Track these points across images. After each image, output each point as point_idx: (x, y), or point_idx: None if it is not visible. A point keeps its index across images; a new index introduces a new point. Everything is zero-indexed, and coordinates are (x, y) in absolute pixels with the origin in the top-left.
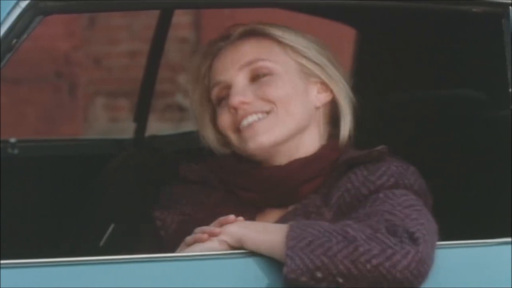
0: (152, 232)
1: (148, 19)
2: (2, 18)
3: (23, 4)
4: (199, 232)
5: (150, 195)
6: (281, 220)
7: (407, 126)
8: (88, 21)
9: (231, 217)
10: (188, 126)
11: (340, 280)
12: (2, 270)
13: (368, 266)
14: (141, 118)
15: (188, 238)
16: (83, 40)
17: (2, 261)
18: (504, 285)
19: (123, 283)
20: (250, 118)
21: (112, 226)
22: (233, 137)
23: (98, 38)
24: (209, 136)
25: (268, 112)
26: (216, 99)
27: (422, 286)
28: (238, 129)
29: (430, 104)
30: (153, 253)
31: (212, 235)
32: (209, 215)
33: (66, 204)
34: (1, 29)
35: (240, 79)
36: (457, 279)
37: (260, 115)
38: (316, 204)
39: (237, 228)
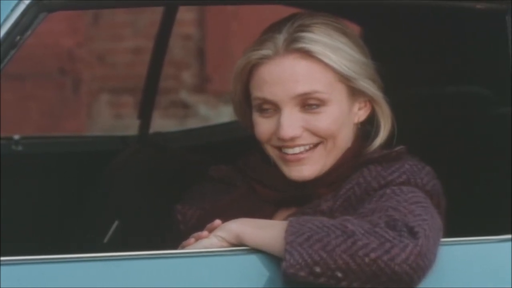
0: (172, 225)
1: (152, 15)
2: (6, 15)
3: (27, 1)
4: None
5: (155, 191)
6: (290, 217)
7: (410, 123)
8: (92, 17)
9: (217, 221)
10: (192, 123)
11: (339, 275)
12: (3, 267)
13: (367, 259)
14: (145, 115)
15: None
16: (87, 36)
17: (4, 258)
18: (504, 282)
19: (126, 280)
20: (297, 149)
21: (116, 223)
22: (269, 150)
23: (102, 35)
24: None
25: (316, 145)
26: (257, 106)
27: (422, 281)
28: (278, 148)
29: (433, 101)
30: (169, 247)
31: (198, 238)
32: (228, 211)
33: (70, 201)
34: (5, 25)
35: (289, 108)
36: (458, 275)
37: (307, 146)
38: (326, 199)
39: (235, 224)
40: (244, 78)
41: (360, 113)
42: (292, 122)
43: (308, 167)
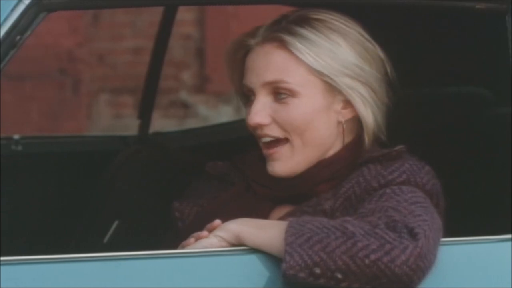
0: (170, 223)
1: (152, 15)
2: (6, 15)
3: (27, 1)
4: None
5: (155, 191)
6: (289, 215)
7: (410, 123)
8: (92, 17)
9: (217, 221)
10: (192, 123)
11: (339, 276)
12: (3, 267)
13: (367, 261)
14: (145, 115)
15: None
16: (87, 36)
17: (4, 258)
18: (504, 282)
19: (126, 280)
20: (268, 139)
21: (116, 223)
22: (258, 142)
23: (102, 35)
24: None
25: (284, 140)
26: (246, 94)
27: (422, 282)
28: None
29: (433, 101)
30: (168, 245)
31: (198, 238)
32: (225, 208)
33: (70, 200)
34: (5, 25)
35: (262, 96)
36: (457, 275)
37: (273, 139)
38: (326, 197)
39: (235, 225)
40: (239, 66)
41: (344, 112)
42: (260, 109)
43: (278, 163)
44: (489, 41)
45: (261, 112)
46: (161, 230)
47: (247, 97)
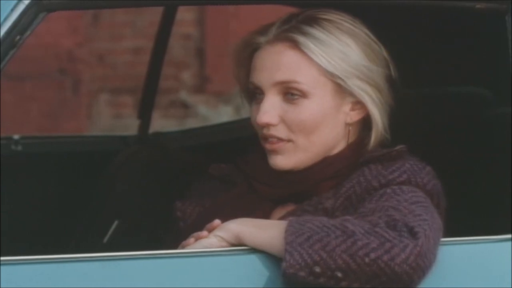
0: (171, 223)
1: (152, 15)
2: (5, 15)
3: (26, 1)
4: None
5: (155, 191)
6: (290, 214)
7: (410, 123)
8: (92, 17)
9: (217, 221)
10: (192, 123)
11: (339, 275)
12: (3, 267)
13: (367, 259)
14: (145, 115)
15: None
16: (87, 36)
17: (4, 258)
18: (504, 281)
19: (126, 280)
20: (273, 138)
21: (115, 223)
22: (260, 140)
23: (102, 35)
24: None
25: (289, 140)
26: (251, 92)
27: (422, 281)
28: (264, 138)
29: (433, 101)
30: (168, 245)
31: (198, 238)
32: (227, 208)
33: (70, 201)
34: (5, 25)
35: (271, 95)
36: (457, 275)
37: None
38: (327, 197)
39: (235, 224)
40: (246, 63)
41: (352, 114)
42: (269, 109)
43: (280, 157)
44: (489, 41)
45: (270, 112)
46: (161, 230)
47: (252, 94)
